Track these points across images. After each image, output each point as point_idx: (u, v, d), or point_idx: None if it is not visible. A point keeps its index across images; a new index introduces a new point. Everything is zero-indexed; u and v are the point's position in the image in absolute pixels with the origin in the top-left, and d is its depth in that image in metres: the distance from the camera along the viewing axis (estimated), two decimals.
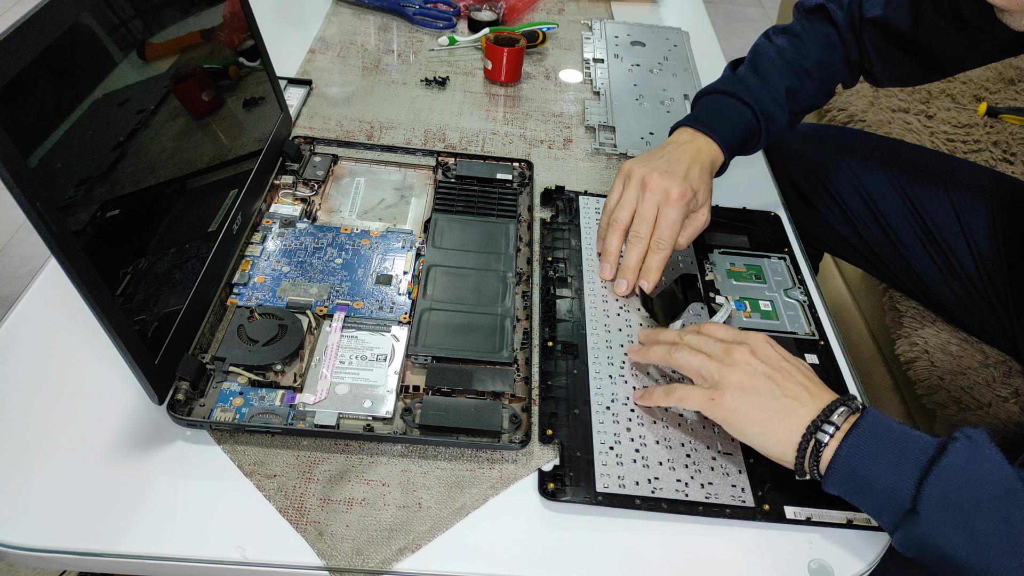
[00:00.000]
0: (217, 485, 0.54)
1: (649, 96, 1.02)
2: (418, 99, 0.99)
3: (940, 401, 0.92)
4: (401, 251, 0.73)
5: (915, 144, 1.02)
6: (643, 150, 0.88)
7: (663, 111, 0.99)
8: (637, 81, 1.05)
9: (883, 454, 0.51)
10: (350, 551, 0.51)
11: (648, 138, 0.94)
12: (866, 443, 0.51)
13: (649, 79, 1.06)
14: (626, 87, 1.04)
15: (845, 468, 0.51)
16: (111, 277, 0.50)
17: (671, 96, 1.03)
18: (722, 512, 0.55)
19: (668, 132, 0.80)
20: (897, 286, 0.99)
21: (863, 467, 0.51)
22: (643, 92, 1.03)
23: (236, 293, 0.67)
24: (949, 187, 0.90)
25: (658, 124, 0.96)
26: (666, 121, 0.96)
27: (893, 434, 0.52)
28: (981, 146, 1.22)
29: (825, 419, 0.53)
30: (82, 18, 0.50)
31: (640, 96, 1.02)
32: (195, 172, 0.64)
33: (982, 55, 0.78)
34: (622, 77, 1.06)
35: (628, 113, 0.98)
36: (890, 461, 0.50)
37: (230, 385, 0.59)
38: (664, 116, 0.98)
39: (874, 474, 0.50)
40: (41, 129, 0.46)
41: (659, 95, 1.03)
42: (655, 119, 0.97)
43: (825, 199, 0.96)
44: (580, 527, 0.54)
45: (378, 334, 0.65)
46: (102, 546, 0.50)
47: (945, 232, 0.89)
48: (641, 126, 0.96)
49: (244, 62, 0.75)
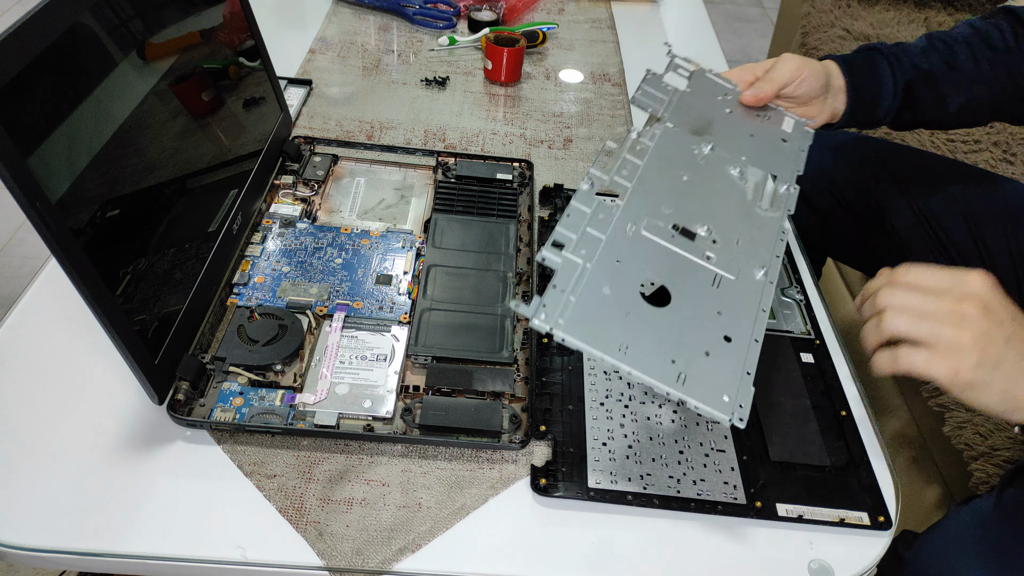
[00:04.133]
0: (217, 485, 0.54)
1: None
2: (418, 99, 0.99)
3: (947, 403, 0.91)
4: (401, 251, 0.73)
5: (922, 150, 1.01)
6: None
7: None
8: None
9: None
10: (350, 551, 0.51)
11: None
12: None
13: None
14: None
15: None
16: (111, 277, 0.50)
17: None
18: (714, 509, 0.56)
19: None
20: None
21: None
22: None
23: (236, 293, 0.67)
24: (959, 194, 0.89)
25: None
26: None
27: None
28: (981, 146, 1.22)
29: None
30: (82, 18, 0.50)
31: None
32: (195, 172, 0.64)
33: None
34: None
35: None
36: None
37: (230, 385, 0.59)
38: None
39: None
40: (41, 129, 0.46)
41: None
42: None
43: (829, 203, 0.96)
44: (580, 527, 0.54)
45: (378, 334, 0.65)
46: (102, 546, 0.50)
47: (956, 238, 0.88)
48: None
49: (244, 62, 0.75)
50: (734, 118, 0.70)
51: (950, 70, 0.77)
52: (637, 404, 0.62)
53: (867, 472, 0.59)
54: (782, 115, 0.73)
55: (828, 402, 0.64)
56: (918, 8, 1.65)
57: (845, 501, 0.57)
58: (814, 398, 0.64)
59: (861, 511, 0.56)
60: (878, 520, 0.56)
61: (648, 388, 0.49)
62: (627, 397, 0.62)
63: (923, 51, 0.77)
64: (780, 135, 0.70)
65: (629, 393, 0.63)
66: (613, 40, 1.20)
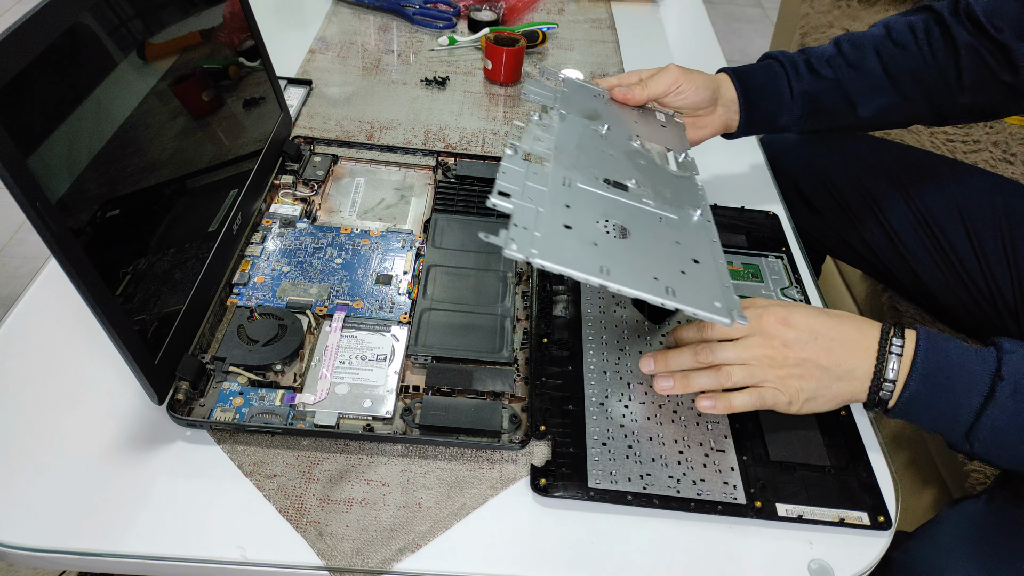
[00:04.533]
0: (217, 485, 0.54)
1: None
2: (418, 99, 0.99)
3: None
4: (401, 251, 0.73)
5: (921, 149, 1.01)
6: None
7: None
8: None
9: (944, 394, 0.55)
10: (350, 551, 0.51)
11: None
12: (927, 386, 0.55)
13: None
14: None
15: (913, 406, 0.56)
16: (111, 277, 0.50)
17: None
18: (714, 509, 0.56)
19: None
20: (899, 289, 0.99)
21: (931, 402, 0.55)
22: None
23: (236, 293, 0.67)
24: (956, 193, 0.89)
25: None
26: None
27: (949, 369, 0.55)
28: (981, 146, 1.22)
29: (880, 384, 0.56)
30: (82, 18, 0.50)
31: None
32: (195, 172, 0.64)
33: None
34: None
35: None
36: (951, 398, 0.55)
37: (230, 385, 0.59)
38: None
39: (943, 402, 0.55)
40: (41, 129, 0.46)
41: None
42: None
43: (828, 203, 0.96)
44: (580, 527, 0.54)
45: (378, 334, 0.65)
46: (102, 546, 0.50)
47: (951, 236, 0.88)
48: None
49: (244, 62, 0.75)
50: (614, 109, 0.73)
51: (858, 75, 0.77)
52: (637, 404, 0.62)
53: (867, 472, 0.59)
54: (653, 111, 0.76)
55: None
56: None
57: (845, 501, 0.57)
58: None
59: (861, 511, 0.56)
60: (878, 520, 0.56)
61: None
62: (627, 397, 0.62)
63: (828, 58, 0.77)
64: (658, 123, 0.74)
65: (629, 393, 0.63)
66: (613, 40, 1.20)
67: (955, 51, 0.74)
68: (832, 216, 0.96)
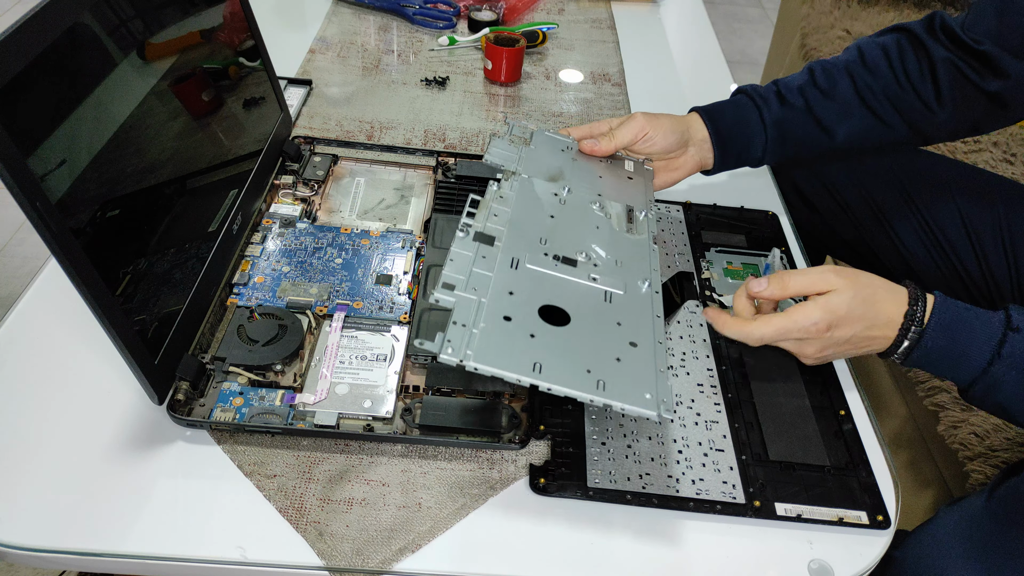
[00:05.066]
0: (217, 485, 0.54)
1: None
2: (418, 99, 0.99)
3: (941, 403, 0.92)
4: (401, 251, 0.73)
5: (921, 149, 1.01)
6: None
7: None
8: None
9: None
10: (350, 551, 0.51)
11: None
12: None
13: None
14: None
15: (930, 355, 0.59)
16: (111, 277, 0.50)
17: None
18: (713, 508, 0.56)
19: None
20: None
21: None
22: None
23: (236, 293, 0.67)
24: (956, 192, 0.89)
25: None
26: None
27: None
28: (981, 146, 1.22)
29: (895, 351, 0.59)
30: (82, 18, 0.50)
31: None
32: (195, 172, 0.64)
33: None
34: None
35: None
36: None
37: (230, 385, 0.59)
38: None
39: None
40: (41, 129, 0.46)
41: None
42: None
43: (828, 203, 0.96)
44: (579, 527, 0.54)
45: (378, 334, 0.65)
46: (102, 546, 0.50)
47: (951, 237, 0.88)
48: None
49: (244, 62, 0.75)
50: (581, 165, 0.73)
51: (829, 101, 0.77)
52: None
53: (866, 471, 0.59)
54: (622, 159, 0.76)
55: (827, 402, 0.64)
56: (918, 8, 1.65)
57: (844, 501, 0.57)
58: (813, 398, 0.64)
59: (860, 510, 0.56)
60: (877, 519, 0.56)
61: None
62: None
63: (800, 87, 0.77)
64: (626, 174, 0.74)
65: None
66: (613, 40, 1.20)
67: (932, 68, 0.74)
68: (832, 216, 0.96)
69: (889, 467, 0.60)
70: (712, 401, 0.63)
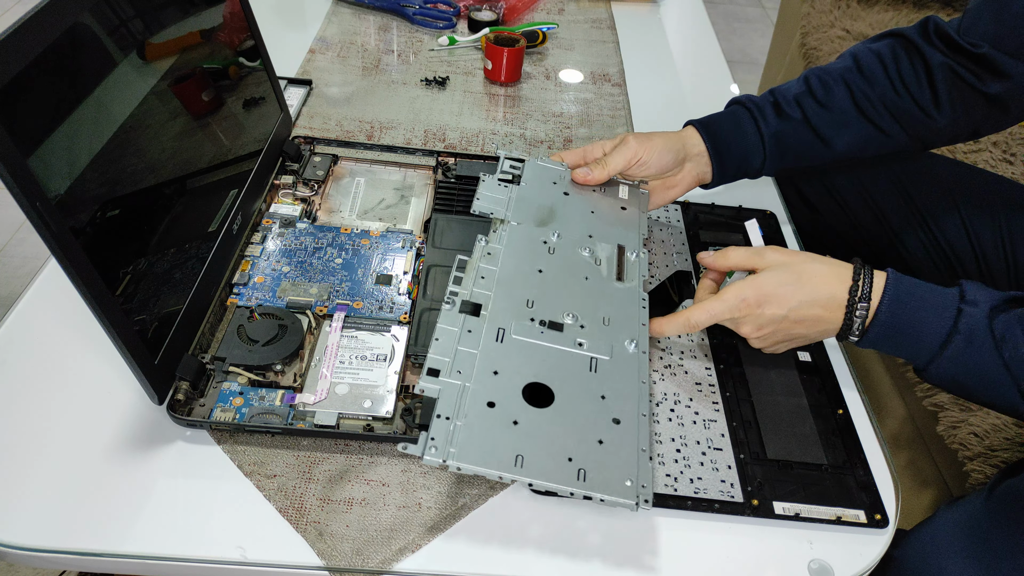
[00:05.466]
0: (217, 485, 0.54)
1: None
2: (418, 99, 0.99)
3: (940, 403, 0.92)
4: (401, 251, 0.73)
5: None
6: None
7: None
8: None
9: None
10: (350, 551, 0.51)
11: None
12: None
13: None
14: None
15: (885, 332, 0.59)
16: (111, 277, 0.50)
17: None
18: (711, 507, 0.56)
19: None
20: None
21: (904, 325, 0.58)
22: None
23: (236, 293, 0.67)
24: (956, 193, 0.89)
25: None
26: None
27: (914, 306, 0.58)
28: (981, 146, 1.22)
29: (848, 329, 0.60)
30: (82, 18, 0.50)
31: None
32: (195, 172, 0.64)
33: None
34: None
35: None
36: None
37: (230, 385, 0.59)
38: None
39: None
40: (41, 129, 0.46)
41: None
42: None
43: (829, 204, 0.96)
44: (579, 526, 0.54)
45: (378, 334, 0.65)
46: (102, 546, 0.50)
47: (951, 238, 0.88)
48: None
49: (244, 62, 0.75)
50: (573, 200, 0.71)
51: (826, 112, 0.76)
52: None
53: (864, 470, 0.59)
54: (616, 184, 0.75)
55: (825, 400, 0.64)
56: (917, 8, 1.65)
57: (842, 499, 0.57)
58: (811, 397, 0.64)
59: (858, 509, 0.56)
60: (875, 518, 0.56)
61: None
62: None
63: (796, 97, 0.77)
64: (619, 204, 0.73)
65: None
66: (613, 40, 1.20)
67: (929, 73, 0.74)
68: (832, 216, 0.96)
69: (888, 466, 0.60)
70: (710, 400, 0.63)
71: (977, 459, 0.85)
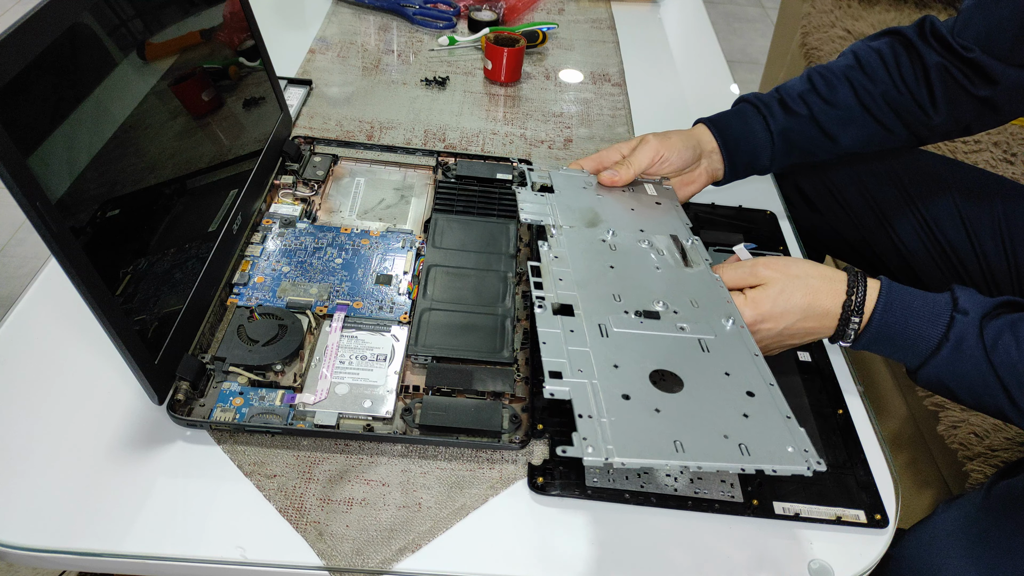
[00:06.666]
0: (217, 485, 0.54)
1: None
2: (418, 99, 0.99)
3: (941, 402, 0.92)
4: (401, 251, 0.73)
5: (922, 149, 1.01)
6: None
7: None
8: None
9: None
10: (350, 551, 0.51)
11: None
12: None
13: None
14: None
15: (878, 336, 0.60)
16: (111, 277, 0.50)
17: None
18: (711, 507, 0.56)
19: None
20: None
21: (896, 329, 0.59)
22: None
23: (236, 293, 0.67)
24: (955, 192, 0.89)
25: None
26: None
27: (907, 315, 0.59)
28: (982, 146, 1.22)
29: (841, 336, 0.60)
30: (82, 18, 0.50)
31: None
32: (195, 172, 0.64)
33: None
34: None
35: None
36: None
37: (230, 385, 0.59)
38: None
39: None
40: (41, 129, 0.46)
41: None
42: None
43: (829, 203, 0.96)
44: (579, 526, 0.54)
45: (378, 334, 0.65)
46: (102, 546, 0.50)
47: (950, 237, 0.89)
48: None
49: (244, 62, 0.75)
50: (608, 200, 0.72)
51: (831, 109, 0.77)
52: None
53: (864, 470, 0.59)
54: (641, 183, 0.75)
55: (825, 400, 0.64)
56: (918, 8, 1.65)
57: (842, 499, 0.57)
58: (811, 396, 0.64)
59: (858, 509, 0.56)
60: (875, 518, 0.56)
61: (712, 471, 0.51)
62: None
63: (800, 95, 0.78)
64: (652, 199, 0.73)
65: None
66: (613, 40, 1.20)
67: (926, 72, 0.75)
68: (832, 215, 0.96)
69: (889, 466, 0.60)
70: None
71: (977, 459, 0.85)
